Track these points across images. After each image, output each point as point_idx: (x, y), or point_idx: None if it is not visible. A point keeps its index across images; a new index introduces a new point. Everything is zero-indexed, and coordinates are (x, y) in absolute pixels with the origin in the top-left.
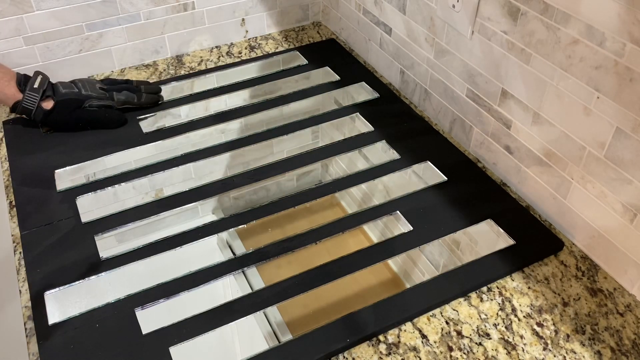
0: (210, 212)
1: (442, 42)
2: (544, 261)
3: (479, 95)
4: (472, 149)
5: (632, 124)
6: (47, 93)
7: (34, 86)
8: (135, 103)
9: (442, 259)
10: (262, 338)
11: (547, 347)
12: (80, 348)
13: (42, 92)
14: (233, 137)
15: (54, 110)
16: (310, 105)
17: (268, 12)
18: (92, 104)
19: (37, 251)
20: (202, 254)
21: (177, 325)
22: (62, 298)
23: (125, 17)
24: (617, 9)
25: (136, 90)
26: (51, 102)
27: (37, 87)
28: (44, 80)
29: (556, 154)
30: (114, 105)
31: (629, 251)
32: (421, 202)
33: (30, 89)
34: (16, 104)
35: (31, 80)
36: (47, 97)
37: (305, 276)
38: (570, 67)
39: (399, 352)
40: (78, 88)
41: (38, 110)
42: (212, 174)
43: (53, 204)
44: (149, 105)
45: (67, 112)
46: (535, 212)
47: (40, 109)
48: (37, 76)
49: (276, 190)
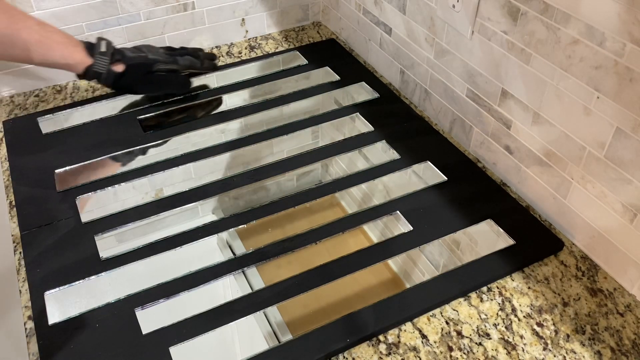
0: (210, 212)
1: (442, 42)
2: (544, 261)
3: (479, 95)
4: (472, 149)
5: (632, 124)
6: (116, 56)
7: (101, 50)
8: (198, 68)
9: (442, 259)
10: (262, 338)
11: (547, 347)
12: (80, 348)
13: (111, 55)
14: (233, 137)
15: (125, 73)
16: (310, 105)
17: (268, 12)
18: (160, 67)
19: (37, 251)
20: (202, 254)
21: (177, 325)
22: (62, 298)
23: (125, 17)
24: (617, 9)
25: (197, 56)
26: (121, 66)
27: (104, 50)
28: (109, 44)
29: (556, 154)
30: (179, 69)
31: (629, 251)
32: (421, 202)
33: (99, 53)
34: (87, 68)
35: (96, 45)
36: (116, 61)
37: (305, 276)
38: (570, 67)
39: (399, 352)
40: (144, 52)
41: (109, 73)
42: (212, 174)
43: (53, 204)
44: (209, 70)
45: (137, 75)
46: (535, 212)
47: (111, 72)
48: (100, 41)
49: (276, 190)
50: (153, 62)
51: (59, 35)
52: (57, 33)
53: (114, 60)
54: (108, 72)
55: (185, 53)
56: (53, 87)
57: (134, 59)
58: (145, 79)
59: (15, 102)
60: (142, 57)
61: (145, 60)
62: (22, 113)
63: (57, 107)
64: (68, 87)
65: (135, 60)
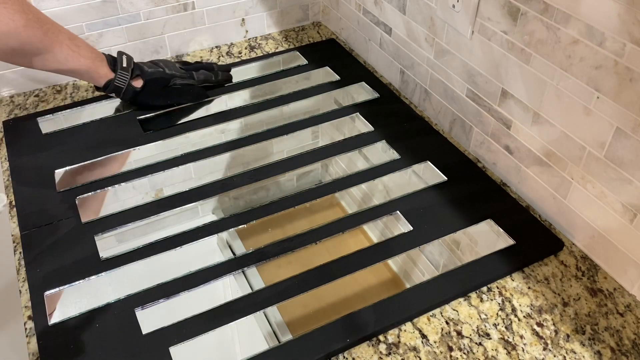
0: (210, 212)
1: (442, 42)
2: (544, 261)
3: (479, 95)
4: (472, 149)
5: (632, 124)
6: (135, 72)
7: (123, 65)
8: (213, 81)
9: (442, 259)
10: (262, 338)
11: (547, 347)
12: (80, 348)
13: (131, 71)
14: (233, 137)
15: (144, 88)
16: (310, 105)
17: (268, 12)
18: (177, 82)
19: (37, 251)
20: (202, 254)
21: (177, 325)
22: (62, 298)
23: (125, 17)
24: (617, 9)
25: (212, 69)
26: (140, 81)
27: (125, 66)
28: (129, 60)
29: (556, 154)
30: (195, 83)
31: (629, 251)
32: (421, 202)
33: (121, 68)
34: (108, 82)
35: (118, 60)
36: (136, 76)
37: (305, 276)
38: (570, 67)
39: (399, 352)
40: (161, 67)
41: (128, 88)
42: (212, 174)
43: (53, 204)
44: (224, 82)
45: (156, 90)
46: (535, 212)
47: (130, 88)
48: (121, 56)
49: (276, 190)
50: (170, 77)
51: (86, 49)
52: (85, 47)
53: (133, 76)
54: (127, 87)
55: (200, 67)
56: (53, 87)
57: (153, 74)
58: (163, 93)
59: (15, 102)
60: (160, 72)
61: (163, 75)
62: (22, 113)
63: (57, 107)
64: (68, 87)
65: (154, 76)
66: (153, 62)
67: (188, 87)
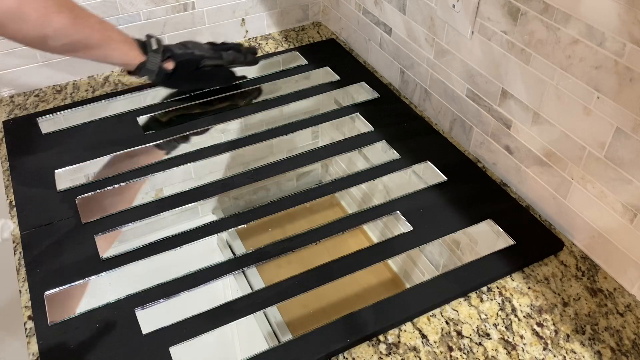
0: (210, 212)
1: (442, 42)
2: (544, 261)
3: (479, 95)
4: (472, 149)
5: (632, 124)
6: (166, 54)
7: (153, 48)
8: (241, 62)
9: (442, 259)
10: (262, 338)
11: (547, 347)
12: (80, 348)
13: (162, 53)
14: (233, 137)
15: (176, 70)
16: (310, 105)
17: (268, 12)
18: (206, 63)
19: (37, 251)
20: (202, 254)
21: (177, 325)
22: (62, 298)
23: (125, 17)
24: (617, 9)
25: (239, 50)
26: (171, 63)
27: (156, 48)
28: (159, 42)
29: (556, 154)
30: (224, 64)
31: (629, 251)
32: (421, 202)
33: (152, 50)
34: (140, 65)
35: (147, 43)
36: (167, 58)
37: (305, 276)
38: (570, 67)
39: (399, 352)
40: (190, 49)
41: (160, 71)
42: (212, 174)
43: (53, 204)
44: (251, 63)
45: (187, 72)
46: (535, 212)
47: (162, 70)
48: (150, 39)
49: (276, 190)
50: (200, 59)
51: (117, 34)
52: (115, 32)
53: (164, 58)
54: (159, 69)
55: (228, 48)
56: (53, 87)
57: (183, 56)
58: (193, 75)
59: (15, 102)
60: (190, 53)
61: (193, 57)
62: (22, 113)
63: (57, 107)
64: (68, 87)
65: (184, 57)
66: (182, 44)
67: (217, 69)
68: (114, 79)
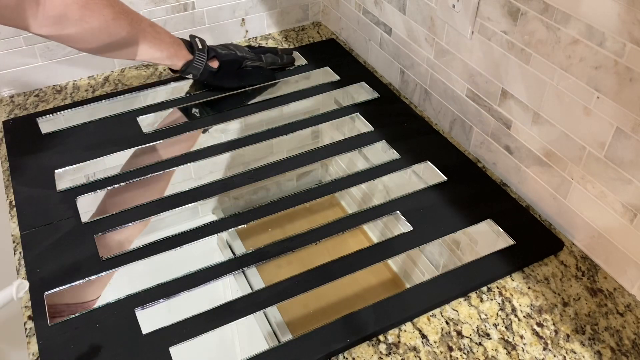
0: (210, 212)
1: (442, 42)
2: (544, 261)
3: (479, 95)
4: (472, 149)
5: (632, 124)
6: (211, 54)
7: (199, 47)
8: (279, 63)
9: (442, 259)
10: (262, 338)
11: (547, 347)
12: (80, 348)
13: (207, 52)
14: (233, 137)
15: (220, 69)
16: (310, 105)
17: (268, 12)
18: (248, 64)
19: (37, 251)
20: (202, 254)
21: (177, 325)
22: (62, 298)
23: None
24: (617, 9)
25: (276, 53)
26: (216, 62)
27: (201, 47)
28: (203, 42)
29: (556, 154)
30: (263, 65)
31: (629, 251)
32: (421, 202)
33: (198, 49)
34: (186, 64)
35: (193, 42)
36: (211, 57)
37: (305, 276)
38: (570, 67)
39: (399, 352)
40: (232, 50)
41: (206, 69)
42: (212, 174)
43: (53, 204)
44: (289, 65)
45: (230, 71)
46: (535, 212)
47: (207, 68)
48: (194, 39)
49: (276, 190)
50: (242, 59)
51: (166, 35)
52: (165, 33)
53: (209, 57)
54: (205, 67)
55: (267, 50)
56: (53, 87)
57: (227, 56)
58: (236, 73)
59: (15, 102)
60: (233, 54)
61: (236, 57)
62: (22, 113)
63: (57, 107)
64: (68, 87)
65: (228, 57)
66: (224, 45)
67: (258, 69)
68: (114, 79)
